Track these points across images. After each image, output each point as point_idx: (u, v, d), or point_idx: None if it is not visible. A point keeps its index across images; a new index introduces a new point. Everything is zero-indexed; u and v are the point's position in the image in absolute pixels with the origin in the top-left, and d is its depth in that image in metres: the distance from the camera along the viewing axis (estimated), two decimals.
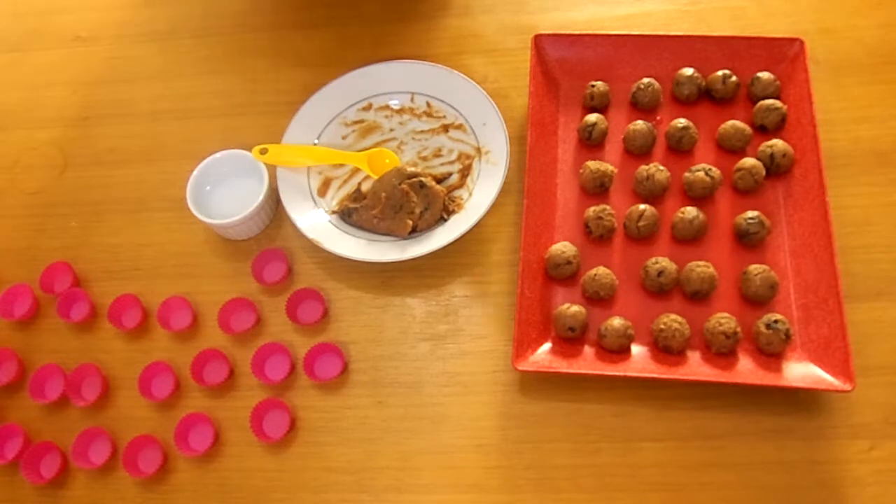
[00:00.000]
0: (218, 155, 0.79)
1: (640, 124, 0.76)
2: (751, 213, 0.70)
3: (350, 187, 0.79)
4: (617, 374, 0.65)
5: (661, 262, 0.69)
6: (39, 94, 0.92)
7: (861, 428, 0.64)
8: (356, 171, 0.80)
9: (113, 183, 0.84)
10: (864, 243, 0.71)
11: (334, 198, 0.79)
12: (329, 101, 0.82)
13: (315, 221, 0.76)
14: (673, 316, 0.66)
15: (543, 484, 0.65)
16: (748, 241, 0.71)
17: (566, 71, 0.81)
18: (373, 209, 0.75)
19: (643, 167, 0.73)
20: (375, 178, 0.77)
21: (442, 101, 0.82)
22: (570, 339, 0.68)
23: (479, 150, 0.79)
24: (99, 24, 0.96)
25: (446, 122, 0.81)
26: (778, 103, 0.75)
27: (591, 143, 0.77)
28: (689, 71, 0.78)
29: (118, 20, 0.96)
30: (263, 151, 0.78)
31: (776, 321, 0.65)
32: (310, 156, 0.80)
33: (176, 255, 0.79)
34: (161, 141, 0.86)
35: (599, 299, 0.69)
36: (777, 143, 0.73)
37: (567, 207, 0.75)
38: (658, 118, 0.79)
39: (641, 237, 0.72)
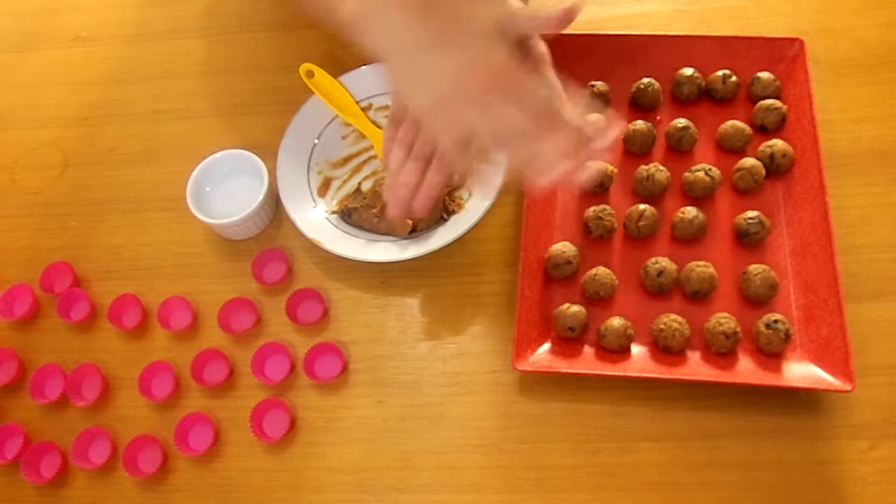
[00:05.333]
0: (218, 155, 0.79)
1: (640, 124, 0.76)
2: (751, 213, 0.70)
3: (350, 187, 0.79)
4: (617, 374, 0.65)
5: (661, 262, 0.69)
6: (39, 94, 0.92)
7: (861, 428, 0.64)
8: (356, 170, 0.80)
9: (113, 183, 0.84)
10: (864, 243, 0.71)
11: (334, 198, 0.79)
12: None
13: (315, 221, 0.76)
14: (673, 316, 0.66)
15: (543, 484, 0.65)
16: (748, 241, 0.71)
17: (566, 71, 0.81)
18: (373, 209, 0.75)
19: (643, 167, 0.73)
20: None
21: None
22: (569, 339, 0.68)
23: None
24: (99, 24, 0.96)
25: None
26: (778, 103, 0.75)
27: None
28: (689, 71, 0.78)
29: (118, 20, 0.96)
30: (310, 74, 0.80)
31: (776, 321, 0.65)
32: (344, 108, 0.81)
33: (176, 255, 0.79)
34: (161, 141, 0.86)
35: (599, 299, 0.69)
36: (777, 143, 0.73)
37: (567, 207, 0.75)
38: (658, 118, 0.79)
39: (641, 237, 0.72)
